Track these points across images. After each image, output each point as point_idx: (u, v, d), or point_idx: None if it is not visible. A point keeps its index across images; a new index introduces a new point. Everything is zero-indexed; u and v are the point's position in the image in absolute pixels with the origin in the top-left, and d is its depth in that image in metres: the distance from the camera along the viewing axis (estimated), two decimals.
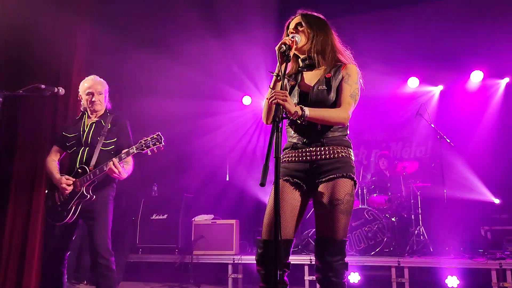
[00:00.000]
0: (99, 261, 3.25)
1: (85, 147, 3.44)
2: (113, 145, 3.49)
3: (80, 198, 3.30)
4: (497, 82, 6.93)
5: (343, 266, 2.23)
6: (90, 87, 3.53)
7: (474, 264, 4.78)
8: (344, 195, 2.26)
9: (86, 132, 3.47)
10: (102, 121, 3.53)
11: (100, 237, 3.28)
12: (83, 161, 3.39)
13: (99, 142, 3.42)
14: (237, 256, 5.58)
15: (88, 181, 3.29)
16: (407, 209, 5.97)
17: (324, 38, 2.47)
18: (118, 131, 3.53)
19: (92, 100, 3.51)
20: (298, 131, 2.42)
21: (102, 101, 3.56)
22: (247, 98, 7.70)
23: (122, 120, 3.60)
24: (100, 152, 3.40)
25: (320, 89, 2.37)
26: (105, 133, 3.46)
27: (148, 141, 3.24)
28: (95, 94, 3.51)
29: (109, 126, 3.50)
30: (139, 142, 3.26)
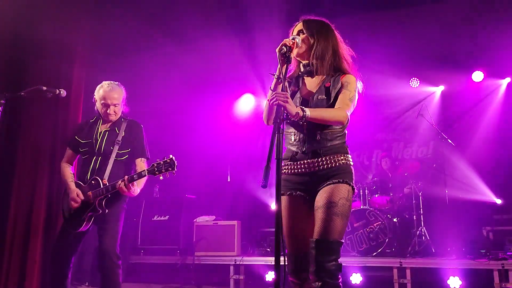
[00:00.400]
0: (107, 264, 3.25)
1: (97, 156, 3.38)
2: (127, 155, 3.43)
3: (93, 211, 3.28)
4: (498, 82, 6.92)
5: (336, 267, 2.23)
6: (106, 97, 3.40)
7: (476, 265, 4.77)
8: (339, 198, 2.29)
9: (100, 141, 3.41)
10: (116, 129, 3.45)
11: (110, 243, 3.27)
12: (95, 171, 3.35)
13: (113, 151, 3.36)
14: (238, 257, 5.57)
15: (101, 195, 3.25)
16: (409, 209, 5.97)
17: (325, 45, 2.48)
18: (133, 139, 3.47)
19: (108, 112, 3.41)
20: (297, 140, 2.44)
21: (117, 112, 3.46)
22: (249, 98, 7.70)
23: (137, 128, 3.52)
24: (114, 163, 3.36)
25: (320, 99, 2.41)
26: (119, 142, 3.40)
27: (160, 165, 3.14)
28: (110, 106, 3.41)
29: (123, 134, 3.43)
30: (151, 165, 3.18)
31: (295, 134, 2.45)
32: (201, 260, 5.72)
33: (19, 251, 4.56)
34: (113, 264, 3.25)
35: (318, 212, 2.29)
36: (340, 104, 2.37)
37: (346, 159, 2.41)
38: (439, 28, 6.08)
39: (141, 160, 3.48)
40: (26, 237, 4.59)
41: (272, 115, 2.31)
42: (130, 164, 3.50)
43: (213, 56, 6.55)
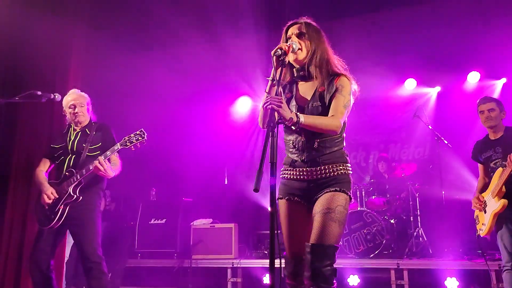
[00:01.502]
0: (90, 266, 3.35)
1: (71, 154, 3.59)
2: (98, 150, 3.60)
3: (67, 199, 3.41)
4: (494, 83, 6.94)
5: (331, 272, 2.23)
6: (72, 99, 3.70)
7: (473, 266, 4.78)
8: (336, 206, 2.30)
9: (72, 141, 3.65)
10: (87, 130, 3.69)
11: (87, 243, 3.38)
12: (69, 167, 3.53)
13: (85, 148, 3.58)
14: (236, 260, 5.57)
15: (75, 182, 3.41)
16: (406, 211, 5.97)
17: (323, 52, 2.49)
18: (102, 136, 3.68)
19: (75, 112, 3.66)
20: (296, 148, 2.45)
21: (84, 113, 3.72)
22: (245, 101, 7.71)
23: (106, 126, 3.76)
24: (87, 158, 3.54)
25: (315, 106, 2.41)
26: (91, 140, 3.62)
27: (131, 137, 3.41)
28: (77, 106, 3.67)
29: (94, 133, 3.67)
30: (122, 139, 3.42)
31: (294, 142, 2.45)
32: (198, 263, 5.70)
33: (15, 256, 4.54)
34: (96, 264, 3.34)
35: (316, 218, 2.31)
36: (333, 111, 2.37)
37: (345, 169, 2.42)
38: (435, 29, 6.09)
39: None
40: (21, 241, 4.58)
41: (267, 118, 2.32)
42: None
43: (209, 59, 6.55)
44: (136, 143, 3.40)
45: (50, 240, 3.47)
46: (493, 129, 3.86)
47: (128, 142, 3.41)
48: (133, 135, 3.42)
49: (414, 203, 5.86)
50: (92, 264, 3.35)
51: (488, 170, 3.86)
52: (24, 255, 4.54)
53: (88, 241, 3.40)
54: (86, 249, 3.38)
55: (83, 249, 3.39)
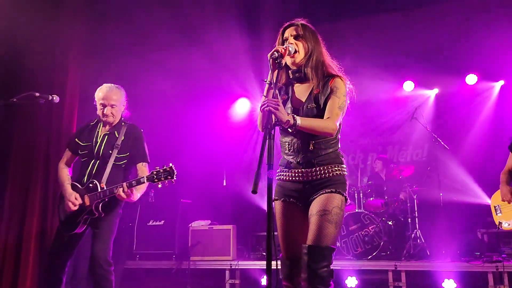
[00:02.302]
0: (98, 271, 3.23)
1: (96, 159, 3.37)
2: (125, 160, 3.41)
3: (89, 214, 3.27)
4: (491, 85, 6.96)
5: (328, 274, 2.24)
6: (104, 98, 3.41)
7: (471, 267, 4.79)
8: (333, 207, 2.32)
9: (99, 144, 3.40)
10: (116, 133, 3.44)
11: (102, 248, 3.25)
12: (92, 174, 3.34)
13: (112, 156, 3.35)
14: (234, 262, 5.57)
15: (98, 199, 3.23)
16: (404, 212, 5.98)
17: (319, 54, 2.50)
18: (132, 144, 3.44)
19: (104, 112, 3.40)
20: (292, 150, 2.46)
21: (115, 114, 3.44)
22: (244, 103, 7.72)
23: (137, 132, 3.50)
24: (112, 168, 3.34)
25: (310, 108, 2.43)
26: (118, 146, 3.38)
27: (160, 173, 3.15)
28: (108, 107, 3.40)
29: (123, 138, 3.41)
30: (151, 173, 3.17)
31: (289, 143, 2.47)
32: (196, 265, 5.71)
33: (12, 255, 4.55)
34: (104, 271, 3.22)
35: (312, 220, 2.32)
36: (329, 113, 2.38)
37: (340, 170, 2.43)
38: (433, 31, 6.11)
39: (143, 164, 3.46)
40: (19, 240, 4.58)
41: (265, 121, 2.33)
42: (128, 169, 3.49)
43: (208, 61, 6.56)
44: (164, 181, 3.15)
45: (72, 243, 3.35)
46: None
47: (156, 178, 3.14)
48: (163, 171, 3.15)
49: (412, 204, 5.87)
50: (100, 269, 3.21)
51: None
52: (22, 255, 4.54)
53: (102, 246, 3.24)
54: (98, 253, 3.22)
55: (95, 253, 3.23)
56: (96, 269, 3.22)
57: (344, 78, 2.50)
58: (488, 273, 4.66)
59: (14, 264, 4.55)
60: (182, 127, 7.35)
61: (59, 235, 3.37)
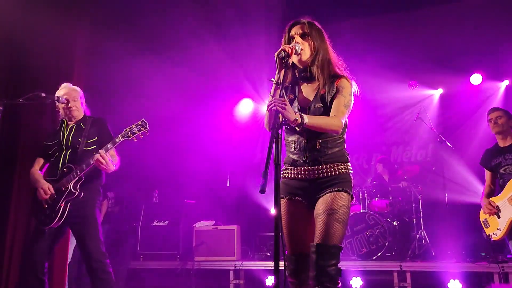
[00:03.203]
0: (94, 265, 3.24)
1: (67, 150, 3.48)
2: (95, 144, 3.50)
3: (68, 196, 3.30)
4: (496, 85, 6.93)
5: (337, 272, 2.24)
6: (65, 94, 3.57)
7: (476, 268, 4.78)
8: (340, 206, 2.32)
9: (66, 136, 3.54)
10: (82, 124, 3.58)
11: (91, 240, 3.27)
12: (65, 163, 3.42)
13: (81, 143, 3.46)
14: (238, 262, 5.56)
15: (75, 177, 3.30)
16: (409, 213, 5.96)
17: (325, 53, 2.50)
18: (98, 129, 3.57)
19: (69, 106, 3.54)
20: (298, 149, 2.45)
21: (78, 107, 3.60)
22: (248, 103, 7.71)
23: (101, 120, 3.66)
24: (83, 152, 3.43)
25: (317, 107, 2.43)
26: (86, 134, 3.51)
27: (133, 128, 3.28)
28: (70, 101, 3.55)
29: (89, 127, 3.55)
30: (124, 130, 3.30)
31: (295, 142, 2.46)
32: (201, 265, 5.70)
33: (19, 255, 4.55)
34: (100, 263, 3.23)
35: (319, 219, 2.31)
36: (335, 112, 2.38)
37: (346, 168, 2.43)
38: (437, 31, 6.10)
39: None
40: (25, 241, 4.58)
41: (272, 120, 2.33)
42: None
43: (212, 61, 6.57)
44: (138, 134, 3.27)
45: (49, 241, 3.35)
46: (502, 135, 4.03)
47: (130, 133, 3.28)
48: (135, 125, 3.29)
49: (416, 205, 5.85)
50: (96, 263, 3.23)
51: (497, 176, 4.02)
52: None
53: (90, 237, 3.28)
54: (89, 246, 3.25)
55: (85, 247, 3.26)
56: (92, 264, 3.23)
57: (350, 79, 2.50)
58: (494, 273, 4.64)
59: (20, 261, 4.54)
60: (186, 128, 7.34)
61: (37, 234, 3.36)
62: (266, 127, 2.49)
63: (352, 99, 2.47)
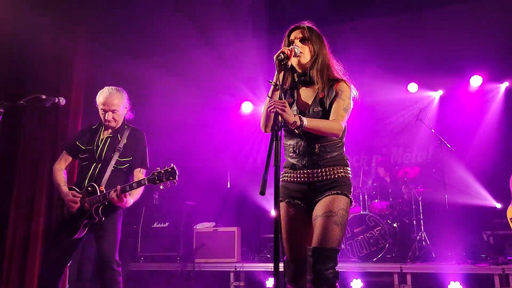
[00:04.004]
0: (107, 272, 3.17)
1: (97, 163, 3.29)
2: (127, 164, 3.35)
3: (89, 218, 3.19)
4: (496, 87, 6.95)
5: (334, 275, 2.23)
6: (104, 103, 3.31)
7: (477, 270, 4.77)
8: (339, 209, 2.31)
9: (101, 148, 3.32)
10: (119, 136, 3.37)
11: (108, 250, 3.19)
12: (93, 178, 3.25)
13: (113, 159, 3.27)
14: (239, 264, 5.56)
15: (97, 202, 3.16)
16: (409, 214, 5.96)
17: (324, 57, 2.50)
18: (135, 148, 3.37)
19: (106, 118, 3.32)
20: (297, 153, 2.45)
21: (117, 118, 3.36)
22: (248, 105, 7.72)
23: (139, 136, 3.44)
24: (113, 171, 3.27)
25: (316, 111, 2.43)
26: (120, 149, 3.31)
27: (161, 174, 3.06)
28: (109, 112, 3.31)
29: (125, 142, 3.34)
30: (151, 174, 3.09)
31: (294, 146, 2.46)
32: (201, 267, 5.70)
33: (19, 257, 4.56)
34: (113, 271, 3.17)
35: (318, 221, 2.31)
36: (334, 115, 2.38)
37: (345, 172, 2.43)
38: (437, 33, 6.10)
39: (140, 170, 3.39)
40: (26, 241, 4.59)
41: (270, 122, 2.33)
42: (130, 173, 3.41)
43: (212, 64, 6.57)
44: (165, 181, 3.05)
45: (71, 247, 3.25)
46: None
47: (157, 179, 3.04)
48: (164, 171, 3.04)
49: (417, 206, 5.85)
50: (108, 270, 3.14)
51: None
52: (28, 256, 4.54)
53: (109, 249, 3.17)
54: (107, 256, 3.15)
55: (103, 256, 3.16)
56: (105, 271, 3.16)
57: (349, 82, 2.50)
58: (494, 275, 4.64)
59: (21, 263, 4.55)
60: (186, 130, 7.34)
61: (57, 241, 3.27)
62: (262, 128, 2.50)
63: (351, 102, 2.47)
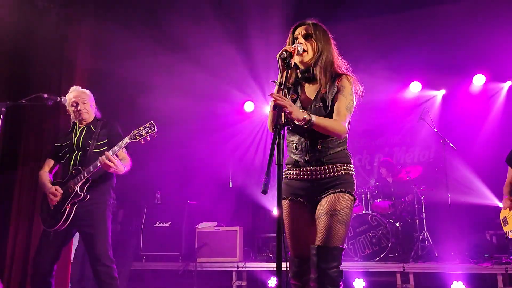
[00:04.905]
0: (101, 269, 3.21)
1: (77, 151, 3.46)
2: (105, 146, 3.47)
3: (74, 197, 3.27)
4: (499, 86, 6.92)
5: (338, 274, 2.23)
6: (74, 97, 3.57)
7: (480, 269, 4.75)
8: (343, 207, 2.30)
9: (77, 137, 3.50)
10: (92, 126, 3.56)
11: (100, 245, 3.24)
12: (76, 165, 3.40)
13: (91, 145, 3.44)
14: (241, 263, 5.56)
15: (82, 179, 3.29)
16: (411, 214, 5.95)
17: (329, 54, 2.48)
18: (109, 132, 3.55)
19: (78, 109, 3.53)
20: (299, 149, 2.44)
21: (88, 109, 3.58)
22: (249, 105, 7.71)
23: (112, 122, 3.63)
24: (93, 155, 3.39)
25: (317, 107, 2.41)
26: (96, 136, 3.49)
27: (140, 130, 3.26)
28: (80, 103, 3.54)
29: (99, 130, 3.54)
30: (131, 132, 3.27)
31: (297, 143, 2.45)
32: (203, 266, 5.70)
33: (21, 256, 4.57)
34: (106, 267, 3.21)
35: (321, 220, 2.30)
36: (337, 115, 2.37)
37: (348, 169, 2.42)
38: (440, 31, 6.08)
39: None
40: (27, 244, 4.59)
41: None
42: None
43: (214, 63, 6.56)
44: (145, 136, 3.25)
45: (56, 243, 3.32)
46: None
47: (137, 135, 3.25)
48: (142, 127, 3.26)
49: (419, 206, 5.84)
50: (103, 267, 3.20)
51: None
52: (29, 258, 4.54)
53: (98, 242, 3.24)
54: (97, 250, 3.22)
55: (93, 251, 3.23)
56: (99, 268, 3.21)
57: (352, 77, 2.48)
58: (498, 275, 4.62)
59: (22, 266, 4.56)
60: (189, 129, 7.34)
61: (44, 236, 3.35)
62: (269, 128, 2.47)
63: (353, 98, 2.44)
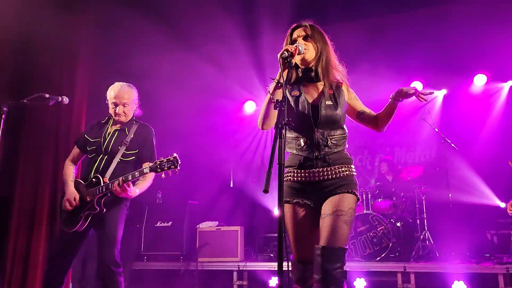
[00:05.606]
0: (106, 273, 3.18)
1: (104, 155, 3.33)
2: (133, 156, 3.37)
3: (90, 210, 3.20)
4: (500, 86, 6.92)
5: (342, 275, 2.23)
6: (115, 97, 3.38)
7: (481, 269, 4.75)
8: (348, 208, 2.33)
9: (108, 140, 3.36)
10: (126, 129, 3.41)
11: (107, 251, 3.19)
12: (99, 170, 3.29)
13: (119, 152, 3.31)
14: (242, 263, 5.56)
15: (100, 193, 3.18)
16: (412, 214, 5.95)
17: (328, 54, 2.52)
18: (141, 142, 3.40)
19: (116, 111, 3.37)
20: (308, 145, 2.43)
21: (127, 112, 3.41)
22: (250, 105, 7.71)
23: (147, 131, 3.47)
24: (119, 163, 3.30)
25: (328, 104, 2.44)
26: (127, 143, 3.34)
27: (163, 162, 3.08)
28: (119, 106, 3.37)
29: (132, 136, 3.38)
30: (154, 163, 3.12)
31: (304, 139, 2.44)
32: (204, 266, 5.70)
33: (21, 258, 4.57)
34: (112, 272, 3.17)
35: (326, 220, 2.30)
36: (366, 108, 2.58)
37: (350, 170, 2.44)
38: (441, 31, 6.08)
39: (148, 164, 3.36)
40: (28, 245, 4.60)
41: (268, 119, 2.35)
42: (137, 166, 3.40)
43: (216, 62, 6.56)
44: (167, 170, 3.07)
45: (72, 240, 3.26)
46: None
47: (159, 168, 3.07)
48: (166, 161, 3.07)
49: (420, 206, 5.83)
50: (108, 270, 3.15)
51: None
52: (30, 260, 4.55)
53: (109, 247, 3.17)
54: (106, 255, 3.16)
55: (103, 255, 3.17)
56: (104, 271, 3.17)
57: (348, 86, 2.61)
58: (499, 274, 4.62)
59: (23, 267, 4.56)
60: (189, 129, 7.35)
61: (62, 235, 3.32)
62: (259, 124, 2.44)
63: None
